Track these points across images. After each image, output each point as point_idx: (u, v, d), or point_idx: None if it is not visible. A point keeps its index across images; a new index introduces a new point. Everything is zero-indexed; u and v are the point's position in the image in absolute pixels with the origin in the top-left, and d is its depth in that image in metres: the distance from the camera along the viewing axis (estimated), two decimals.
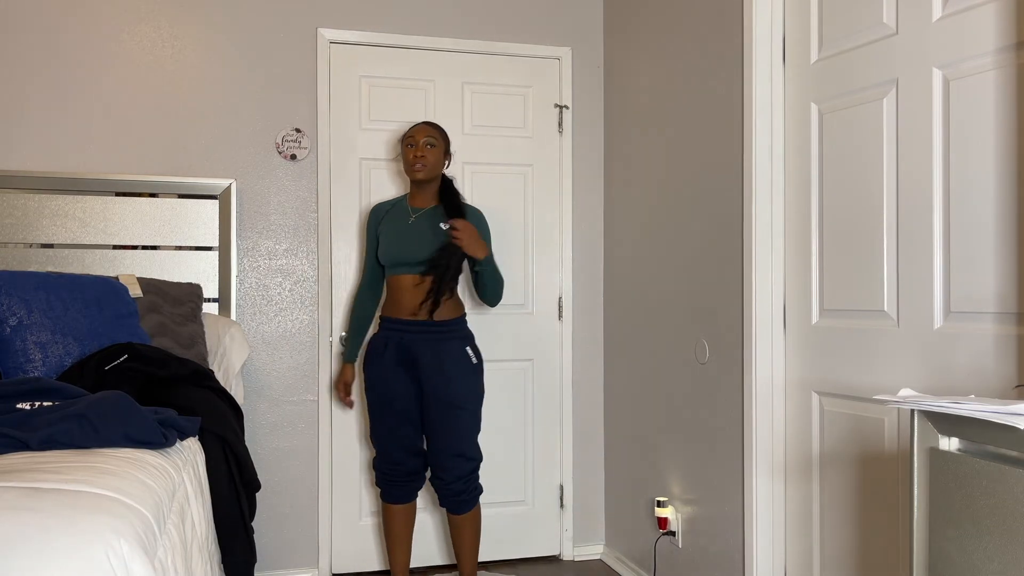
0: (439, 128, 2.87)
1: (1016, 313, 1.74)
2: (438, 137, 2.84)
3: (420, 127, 2.84)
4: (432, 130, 2.83)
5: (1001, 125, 1.77)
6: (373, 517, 3.32)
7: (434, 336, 2.79)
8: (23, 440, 1.65)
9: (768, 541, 2.47)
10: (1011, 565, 1.08)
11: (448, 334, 2.80)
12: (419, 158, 2.79)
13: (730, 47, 2.59)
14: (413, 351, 2.78)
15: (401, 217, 2.87)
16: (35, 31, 3.01)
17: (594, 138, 3.56)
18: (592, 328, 3.56)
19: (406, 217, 2.86)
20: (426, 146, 2.80)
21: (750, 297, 2.47)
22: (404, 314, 2.80)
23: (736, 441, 2.56)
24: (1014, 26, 1.74)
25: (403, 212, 2.88)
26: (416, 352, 2.78)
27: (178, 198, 3.10)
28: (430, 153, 2.81)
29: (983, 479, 1.12)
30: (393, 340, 2.81)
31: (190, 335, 2.73)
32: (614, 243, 3.45)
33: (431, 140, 2.81)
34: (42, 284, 2.36)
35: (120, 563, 1.24)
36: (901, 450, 2.04)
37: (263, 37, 3.21)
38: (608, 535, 3.53)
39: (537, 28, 3.49)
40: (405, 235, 2.81)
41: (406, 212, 2.87)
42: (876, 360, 2.10)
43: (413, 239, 2.79)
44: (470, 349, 2.83)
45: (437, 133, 2.84)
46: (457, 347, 2.80)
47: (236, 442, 2.23)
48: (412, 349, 2.78)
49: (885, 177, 2.07)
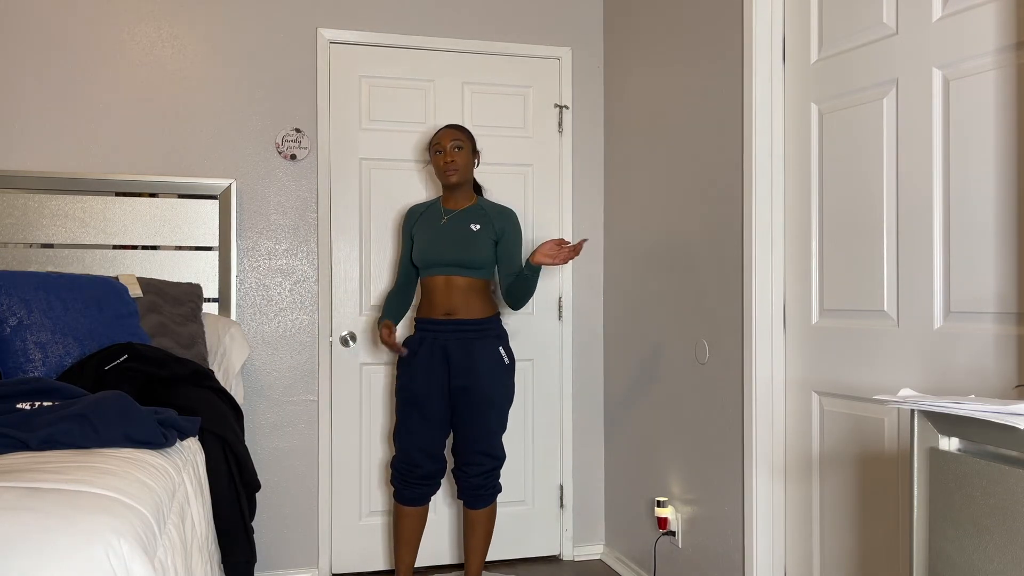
0: (463, 129, 2.90)
1: (1016, 313, 1.74)
2: (464, 139, 2.87)
3: (445, 132, 2.87)
4: (457, 132, 2.87)
5: (1001, 125, 1.77)
6: (373, 517, 3.32)
7: (468, 335, 2.81)
8: (23, 440, 1.65)
9: (768, 541, 2.47)
10: (1011, 565, 1.08)
11: (482, 333, 2.83)
12: (449, 163, 2.84)
13: (730, 47, 2.58)
14: (447, 350, 2.82)
15: (434, 219, 2.91)
16: (35, 31, 3.01)
17: (594, 138, 3.56)
18: (592, 328, 3.56)
19: (439, 219, 2.90)
20: (454, 150, 2.84)
21: (750, 297, 2.47)
22: (438, 314, 2.84)
23: (736, 441, 2.56)
24: (1014, 26, 1.74)
25: (436, 214, 2.93)
26: (450, 350, 2.82)
27: (178, 198, 3.10)
28: (459, 156, 2.85)
29: (983, 479, 1.12)
30: (428, 340, 2.84)
31: (190, 335, 2.73)
32: (614, 243, 3.45)
33: (458, 143, 2.85)
34: (42, 284, 2.35)
35: (120, 563, 1.24)
36: (901, 450, 2.04)
37: (263, 37, 3.21)
38: (608, 535, 3.53)
39: (537, 28, 3.49)
40: (438, 236, 2.86)
41: (439, 214, 2.92)
42: (876, 360, 2.10)
43: (445, 240, 2.83)
44: (503, 349, 2.86)
45: (462, 135, 2.88)
46: (490, 346, 2.83)
47: (236, 442, 2.23)
48: (446, 348, 2.82)
49: (885, 177, 2.07)
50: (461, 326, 2.81)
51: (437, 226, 2.88)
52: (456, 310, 2.82)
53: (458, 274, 2.82)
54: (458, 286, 2.82)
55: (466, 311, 2.82)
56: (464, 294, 2.83)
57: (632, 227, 3.27)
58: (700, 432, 2.76)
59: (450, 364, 2.82)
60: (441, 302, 2.83)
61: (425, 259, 2.86)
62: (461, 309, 2.82)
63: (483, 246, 2.83)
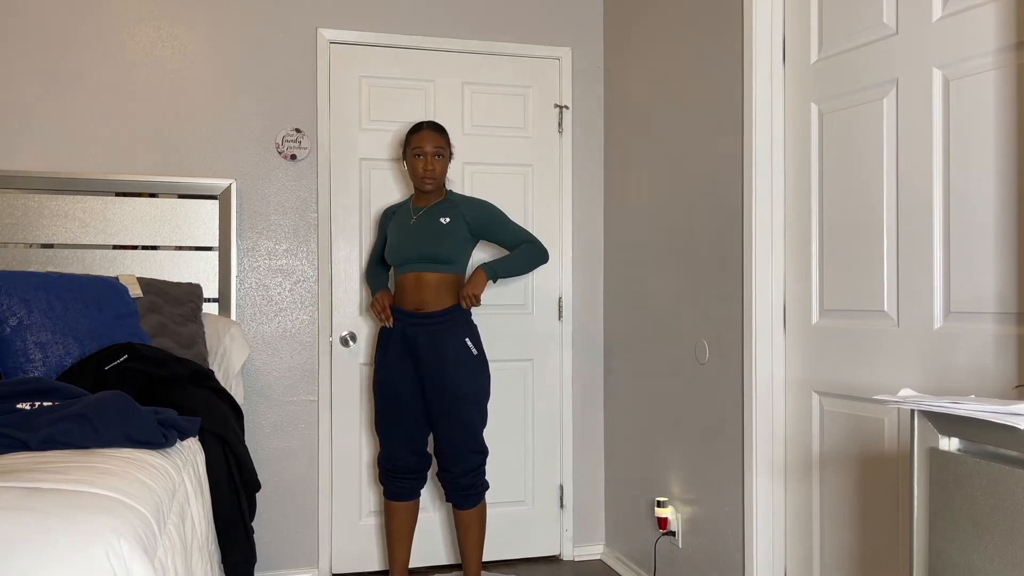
0: (444, 134, 2.87)
1: (1016, 313, 1.74)
2: (445, 145, 2.86)
3: (428, 135, 2.83)
4: (439, 138, 2.84)
5: (1001, 125, 1.77)
6: (373, 517, 3.32)
7: (432, 327, 2.81)
8: (23, 440, 1.65)
9: (768, 541, 2.47)
10: (1011, 565, 1.08)
11: (444, 323, 2.81)
12: (429, 171, 2.82)
13: (730, 47, 2.58)
14: (415, 343, 2.82)
15: (405, 218, 2.92)
16: (35, 31, 3.01)
17: (594, 138, 3.56)
18: (592, 328, 3.56)
19: (409, 218, 2.91)
20: (435, 157, 2.83)
21: (750, 297, 2.47)
22: (408, 307, 2.85)
23: (736, 441, 2.56)
24: (1014, 26, 1.74)
25: (406, 213, 2.94)
26: (417, 344, 2.81)
27: (178, 198, 3.10)
28: (439, 164, 2.84)
29: (983, 479, 1.12)
30: (398, 329, 2.85)
31: (190, 335, 2.73)
32: (614, 243, 3.45)
33: (440, 151, 2.84)
34: (42, 284, 2.35)
35: (120, 563, 1.24)
36: (901, 450, 2.04)
37: (263, 37, 3.21)
38: (608, 535, 3.53)
39: (537, 28, 3.49)
40: (407, 235, 2.86)
41: (409, 213, 2.92)
42: (876, 360, 2.10)
43: (414, 237, 2.84)
44: (469, 340, 2.84)
45: (444, 141, 2.86)
46: (455, 337, 2.81)
47: (236, 442, 2.23)
48: (414, 341, 2.82)
49: (885, 177, 2.07)
50: (425, 319, 2.81)
51: (408, 225, 2.88)
52: (425, 305, 2.82)
53: (429, 270, 2.82)
54: (429, 282, 2.82)
55: (435, 305, 2.82)
56: (435, 290, 2.82)
57: (632, 227, 3.27)
58: (700, 432, 2.76)
59: (418, 359, 2.81)
60: (411, 299, 2.84)
61: (396, 257, 2.86)
62: (431, 304, 2.82)
63: (453, 239, 2.82)
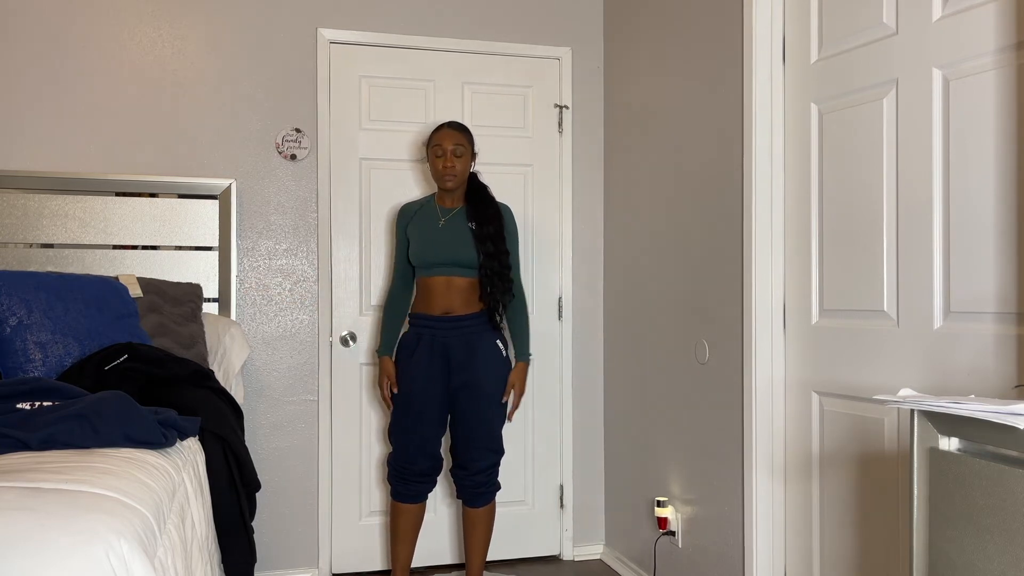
0: (465, 131, 2.85)
1: (1016, 313, 1.74)
2: (466, 143, 2.83)
3: (447, 133, 2.82)
4: (460, 136, 2.82)
5: (1001, 125, 1.77)
6: (373, 517, 3.32)
7: (466, 330, 2.81)
8: (23, 440, 1.65)
9: (768, 541, 2.47)
10: (1011, 565, 1.07)
11: (478, 327, 2.82)
12: (448, 168, 2.79)
13: (730, 47, 2.58)
14: (446, 346, 2.81)
15: (431, 219, 2.88)
16: (35, 31, 3.01)
17: (594, 138, 3.56)
18: (592, 328, 3.56)
19: (436, 219, 2.87)
20: (454, 155, 2.80)
21: (750, 297, 2.47)
22: (436, 311, 2.83)
23: (736, 441, 2.56)
24: (1014, 26, 1.74)
25: (432, 214, 2.89)
26: (449, 347, 2.81)
27: (178, 198, 3.10)
28: (459, 162, 2.81)
29: (983, 479, 1.12)
30: (425, 337, 2.83)
31: (190, 335, 2.73)
32: (614, 243, 3.45)
33: (459, 148, 2.81)
34: (42, 284, 2.35)
35: (120, 563, 1.24)
36: (901, 450, 2.04)
37: (263, 37, 3.21)
38: (608, 535, 3.53)
39: (537, 28, 3.49)
40: (437, 238, 2.83)
41: (435, 214, 2.88)
42: (876, 360, 2.10)
43: (445, 241, 2.81)
44: (500, 342, 2.86)
45: (464, 139, 2.83)
46: (488, 339, 2.83)
47: (236, 442, 2.23)
48: (445, 344, 2.81)
49: (885, 177, 2.07)
50: (460, 322, 2.81)
51: (435, 227, 2.85)
52: (454, 309, 2.82)
53: (459, 275, 2.81)
54: (459, 286, 2.82)
55: (464, 309, 2.82)
56: (464, 293, 2.82)
57: (632, 227, 3.27)
58: (700, 432, 2.76)
59: (451, 362, 2.81)
60: (440, 302, 2.82)
61: (425, 260, 2.84)
62: (459, 308, 2.82)
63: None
